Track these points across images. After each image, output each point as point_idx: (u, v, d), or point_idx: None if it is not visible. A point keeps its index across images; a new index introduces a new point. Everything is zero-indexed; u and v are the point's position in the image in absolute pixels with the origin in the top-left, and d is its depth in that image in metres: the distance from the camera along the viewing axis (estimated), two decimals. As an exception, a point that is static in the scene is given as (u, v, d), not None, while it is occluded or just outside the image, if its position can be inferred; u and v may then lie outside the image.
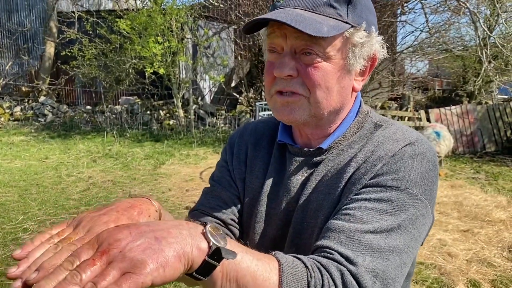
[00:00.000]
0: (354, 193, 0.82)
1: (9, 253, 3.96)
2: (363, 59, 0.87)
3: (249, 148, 1.06)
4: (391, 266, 0.73)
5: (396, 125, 0.92)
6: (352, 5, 0.83)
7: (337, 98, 0.87)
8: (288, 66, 0.83)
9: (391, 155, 0.84)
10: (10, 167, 7.15)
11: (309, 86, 0.84)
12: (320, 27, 0.78)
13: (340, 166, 0.89)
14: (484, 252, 4.16)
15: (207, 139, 9.55)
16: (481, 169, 8.00)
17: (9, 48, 14.06)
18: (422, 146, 0.86)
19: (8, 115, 11.77)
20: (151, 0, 10.76)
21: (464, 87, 12.86)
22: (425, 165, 0.84)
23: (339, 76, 0.85)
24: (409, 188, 0.80)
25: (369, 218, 0.76)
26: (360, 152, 0.88)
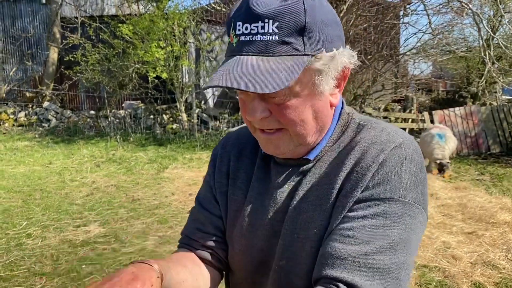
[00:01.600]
0: (348, 207, 0.82)
1: (13, 259, 3.97)
2: (332, 78, 0.84)
3: (231, 160, 1.04)
4: (401, 283, 0.76)
5: (380, 125, 0.90)
6: (307, 33, 0.77)
7: (317, 122, 0.86)
8: (259, 110, 0.82)
9: (379, 163, 0.82)
10: (14, 172, 7.18)
11: (285, 123, 0.83)
12: (278, 77, 0.74)
13: (328, 175, 0.88)
14: (488, 255, 4.13)
15: (210, 143, 9.56)
16: (485, 171, 7.96)
17: (13, 54, 14.15)
18: (408, 148, 0.85)
19: (12, 121, 11.83)
20: (154, 5, 10.81)
21: (468, 88, 12.82)
22: (414, 168, 0.84)
23: (312, 103, 0.83)
24: (402, 197, 0.81)
25: (370, 237, 0.77)
26: (347, 159, 0.86)
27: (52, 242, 4.37)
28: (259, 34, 0.77)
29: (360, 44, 10.84)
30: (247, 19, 0.77)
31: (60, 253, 4.11)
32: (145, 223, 4.92)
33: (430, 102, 13.54)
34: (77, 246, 4.28)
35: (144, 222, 4.96)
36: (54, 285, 3.54)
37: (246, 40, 0.78)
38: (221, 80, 0.75)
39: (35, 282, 3.58)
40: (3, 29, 14.05)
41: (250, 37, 0.78)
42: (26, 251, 4.15)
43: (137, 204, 5.60)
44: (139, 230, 4.72)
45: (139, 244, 4.32)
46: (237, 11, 0.80)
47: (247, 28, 0.78)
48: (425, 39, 11.67)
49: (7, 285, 3.53)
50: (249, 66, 0.76)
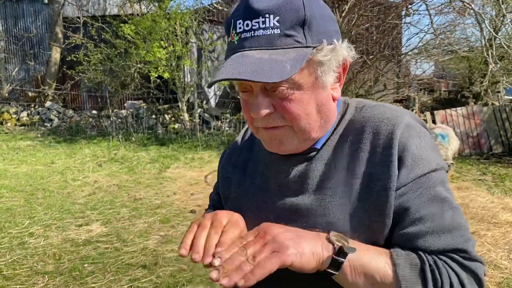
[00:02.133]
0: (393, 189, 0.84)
1: (15, 258, 3.98)
2: (333, 71, 0.86)
3: (242, 152, 1.08)
4: (466, 226, 0.86)
5: (378, 104, 0.94)
6: (307, 25, 0.79)
7: (320, 116, 0.87)
8: (263, 106, 0.82)
9: (398, 140, 0.86)
10: (17, 171, 7.20)
11: (289, 118, 0.84)
12: (283, 67, 0.76)
13: (342, 160, 0.89)
14: (490, 255, 4.13)
15: (212, 143, 9.56)
16: (487, 171, 7.94)
17: (16, 53, 14.18)
18: (415, 120, 0.91)
19: (14, 120, 11.86)
20: (156, 5, 10.83)
21: (470, 88, 12.80)
22: (428, 137, 0.90)
23: (315, 97, 0.85)
24: (437, 166, 0.87)
25: (437, 210, 0.84)
26: (361, 143, 0.88)
27: (54, 241, 4.38)
28: (261, 29, 0.78)
29: (362, 44, 10.83)
30: (247, 16, 0.79)
31: (62, 252, 4.12)
32: (147, 223, 4.92)
33: (432, 102, 13.52)
34: (79, 245, 4.29)
35: (146, 221, 4.97)
36: (57, 284, 3.55)
37: (247, 36, 0.80)
38: (228, 73, 0.77)
39: (38, 281, 3.59)
40: (5, 29, 14.08)
41: (251, 33, 0.79)
42: (28, 250, 4.16)
43: (139, 204, 5.61)
44: (141, 229, 4.73)
45: (141, 243, 4.33)
46: (236, 11, 0.82)
47: (247, 24, 0.79)
48: (427, 39, 11.69)
49: (9, 283, 3.54)
50: (253, 59, 0.77)
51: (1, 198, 5.76)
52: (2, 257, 3.99)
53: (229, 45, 0.84)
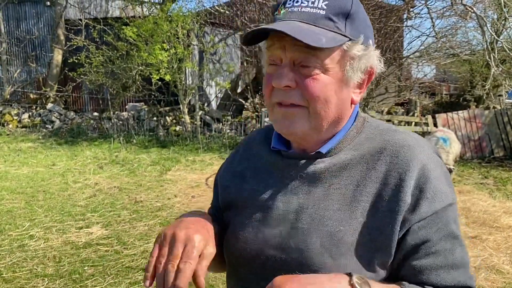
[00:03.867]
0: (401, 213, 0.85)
1: (15, 260, 3.97)
2: (361, 72, 0.88)
3: (241, 162, 1.07)
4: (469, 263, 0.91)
5: (399, 129, 0.95)
6: (350, 19, 0.84)
7: (336, 110, 0.88)
8: (286, 77, 0.84)
9: (418, 168, 0.87)
10: (18, 173, 7.20)
11: (308, 97, 0.84)
12: (319, 38, 0.79)
13: (354, 177, 0.89)
14: (492, 259, 4.11)
15: (213, 145, 9.56)
16: (489, 175, 7.92)
17: (18, 55, 14.21)
18: (433, 151, 0.92)
19: (16, 122, 11.87)
20: (157, 7, 10.85)
21: (472, 91, 12.78)
22: (443, 168, 0.91)
23: (338, 88, 0.86)
24: (452, 200, 0.89)
25: (449, 245, 0.87)
26: (377, 164, 0.89)
27: (54, 243, 4.37)
28: (308, 7, 0.84)
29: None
30: None
31: (62, 254, 4.11)
32: (148, 225, 4.91)
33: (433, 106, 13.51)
34: (79, 248, 4.28)
35: (146, 224, 4.96)
36: (56, 287, 3.54)
37: (294, 10, 0.84)
38: (265, 27, 0.82)
39: (37, 283, 3.58)
40: (7, 30, 14.11)
41: (298, 8, 0.84)
42: (28, 252, 4.16)
43: (140, 206, 5.61)
44: (142, 232, 4.72)
45: (141, 246, 4.32)
46: None
47: (297, 1, 0.85)
48: (429, 42, 11.65)
49: (9, 286, 3.54)
50: (294, 25, 0.82)
51: (1, 200, 5.76)
52: (2, 260, 3.98)
53: (273, 18, 0.88)
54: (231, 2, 11.89)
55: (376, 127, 0.96)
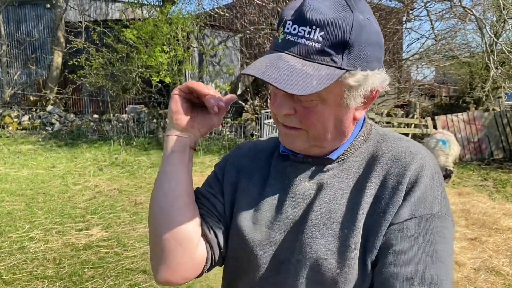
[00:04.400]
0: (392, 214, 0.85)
1: (15, 262, 3.98)
2: (360, 96, 0.87)
3: (246, 160, 1.06)
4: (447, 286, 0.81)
5: (404, 138, 0.97)
6: (348, 48, 0.81)
7: (336, 131, 0.91)
8: (285, 106, 0.87)
9: (412, 172, 0.88)
10: (18, 176, 7.20)
11: (306, 125, 0.87)
12: (309, 82, 0.78)
13: (359, 181, 0.91)
14: (492, 261, 4.12)
15: (213, 147, 9.57)
16: (488, 176, 7.93)
17: (18, 58, 14.23)
18: (434, 162, 0.92)
19: (16, 124, 11.88)
20: (157, 10, 10.86)
21: (471, 93, 12.80)
22: (441, 183, 0.90)
23: (337, 114, 0.88)
24: (439, 212, 0.86)
25: (420, 255, 0.82)
26: (378, 167, 0.91)
27: (54, 245, 4.38)
28: (304, 38, 0.81)
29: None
30: (298, 21, 0.82)
31: (62, 256, 4.12)
32: (147, 227, 4.91)
33: (433, 108, 13.52)
34: (79, 249, 4.28)
35: (146, 226, 4.96)
36: (56, 288, 3.54)
37: (291, 40, 0.83)
38: (258, 72, 0.81)
39: (37, 285, 3.59)
40: (8, 33, 14.14)
41: (295, 39, 0.82)
42: (28, 254, 4.16)
43: (140, 208, 5.61)
44: (141, 234, 4.73)
45: (141, 248, 4.32)
46: (292, 9, 0.85)
47: (295, 29, 0.83)
48: (428, 44, 11.68)
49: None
50: (286, 65, 0.81)
51: (1, 202, 5.76)
52: (2, 262, 3.98)
53: (274, 39, 0.88)
54: (230, 5, 11.91)
55: (383, 135, 0.97)
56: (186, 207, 0.96)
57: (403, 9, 10.58)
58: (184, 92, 0.95)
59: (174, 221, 0.93)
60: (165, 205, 0.95)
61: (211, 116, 0.99)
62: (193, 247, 0.95)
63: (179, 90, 0.95)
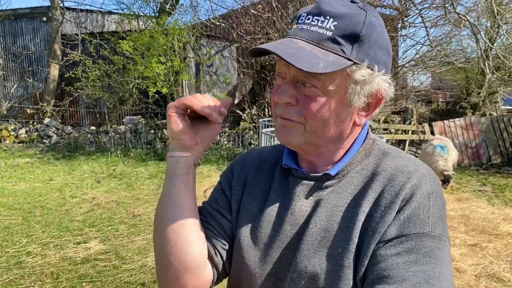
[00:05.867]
0: (381, 233, 0.83)
1: (12, 277, 3.94)
2: (365, 96, 0.87)
3: (250, 171, 1.06)
4: None
5: (405, 155, 0.94)
6: (359, 41, 0.83)
7: (334, 130, 0.89)
8: (287, 94, 0.86)
9: (406, 191, 0.85)
10: (15, 189, 7.16)
11: (306, 116, 0.86)
12: (317, 62, 0.79)
13: (355, 198, 0.89)
14: (493, 267, 4.09)
15: (211, 157, 9.55)
16: (487, 181, 7.92)
17: (14, 71, 14.24)
18: (433, 182, 0.88)
19: (13, 137, 11.85)
20: (153, 21, 10.90)
21: (468, 99, 12.84)
22: (439, 203, 0.86)
23: (337, 110, 0.86)
24: (431, 231, 0.82)
25: (406, 274, 0.77)
26: (374, 184, 0.88)
27: (52, 259, 4.33)
28: (317, 26, 0.84)
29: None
30: (312, 12, 0.85)
31: (60, 271, 4.08)
32: (146, 239, 4.88)
33: (430, 114, 13.55)
34: (77, 263, 4.25)
35: (144, 238, 4.93)
36: (54, 303, 3.50)
37: (303, 28, 0.85)
38: (267, 46, 0.82)
39: (35, 301, 3.54)
40: (4, 46, 14.16)
41: (308, 27, 0.84)
42: (26, 269, 4.12)
43: (138, 220, 5.58)
44: (140, 246, 4.69)
45: (139, 261, 4.29)
46: (307, 8, 0.88)
47: (309, 18, 0.85)
48: (424, 51, 11.72)
49: (6, 304, 3.50)
50: (296, 46, 0.82)
51: (-2, 217, 5.72)
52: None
53: (287, 31, 0.90)
54: (226, 15, 11.96)
55: (384, 151, 0.95)
56: (192, 233, 0.94)
57: (397, 16, 10.64)
58: (180, 109, 0.94)
59: (182, 251, 0.92)
60: (172, 235, 0.93)
61: (212, 125, 0.98)
62: (200, 272, 0.95)
63: (175, 108, 0.94)
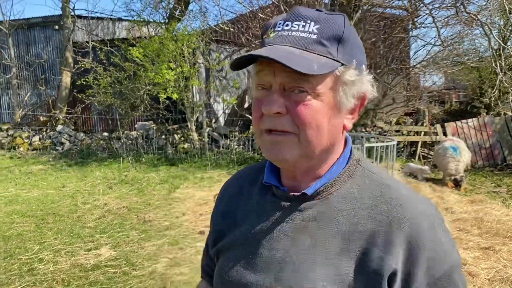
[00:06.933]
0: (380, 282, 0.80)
1: (24, 284, 3.98)
2: (353, 97, 0.85)
3: (231, 199, 1.03)
4: None
5: (392, 183, 0.89)
6: (342, 43, 0.81)
7: (328, 137, 0.84)
8: (277, 104, 0.80)
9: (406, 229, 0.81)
10: (28, 196, 7.25)
11: (299, 124, 0.81)
12: (311, 64, 0.77)
13: (340, 229, 0.84)
14: (507, 271, 4.01)
15: (221, 161, 9.56)
16: (502, 183, 7.80)
17: (28, 79, 14.46)
18: (427, 207, 0.86)
19: (27, 145, 12.02)
20: (163, 27, 10.98)
21: (481, 99, 12.67)
22: (445, 229, 0.85)
23: (330, 114, 0.82)
24: (454, 263, 0.83)
25: None
26: (366, 219, 0.84)
27: (63, 266, 4.37)
28: (299, 31, 0.81)
29: (369, 58, 10.82)
30: (289, 18, 0.82)
31: (71, 277, 4.11)
32: (156, 245, 4.90)
33: (443, 114, 13.39)
34: (88, 270, 4.27)
35: (154, 244, 4.95)
36: (65, 310, 3.53)
37: (284, 35, 0.82)
38: (257, 52, 0.78)
39: (46, 308, 3.57)
40: (18, 55, 14.39)
41: (289, 32, 0.81)
42: (37, 276, 4.16)
43: (148, 226, 5.60)
44: (150, 252, 4.71)
45: (149, 267, 4.30)
46: (282, 15, 0.85)
47: (287, 25, 0.82)
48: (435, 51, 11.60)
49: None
50: (285, 50, 0.79)
51: (12, 224, 5.79)
52: (11, 284, 3.99)
53: (262, 41, 0.85)
54: (235, 19, 12.00)
55: (369, 175, 0.90)
56: None
57: (407, 16, 10.55)
58: None
59: None
60: None
61: None
62: None
63: None
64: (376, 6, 10.10)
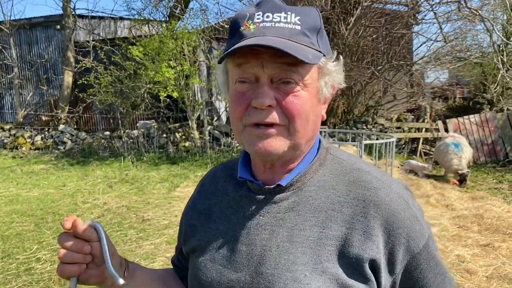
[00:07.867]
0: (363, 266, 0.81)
1: (21, 284, 3.99)
2: (330, 87, 0.87)
3: (207, 197, 1.01)
4: None
5: (363, 167, 0.90)
6: (319, 34, 0.83)
7: (312, 127, 0.84)
8: (268, 96, 0.78)
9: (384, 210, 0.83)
10: (29, 196, 7.28)
11: (289, 115, 0.80)
12: (306, 54, 0.76)
13: (318, 217, 0.84)
14: (505, 268, 3.98)
15: (223, 159, 9.55)
16: (504, 179, 7.74)
17: (30, 79, 14.50)
18: (400, 187, 0.88)
19: (29, 144, 12.06)
20: (163, 26, 10.97)
21: (484, 94, 12.59)
22: (415, 202, 0.89)
23: (314, 104, 0.83)
24: (428, 233, 0.88)
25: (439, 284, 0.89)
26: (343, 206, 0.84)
27: (60, 266, 4.37)
28: (282, 22, 0.79)
29: (369, 55, 10.77)
30: (268, 9, 0.80)
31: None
32: (154, 244, 4.90)
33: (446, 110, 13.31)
34: (85, 269, 4.27)
35: (152, 243, 4.95)
36: (60, 310, 3.53)
37: (267, 26, 0.80)
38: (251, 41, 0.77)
39: (41, 307, 3.58)
40: (20, 55, 14.43)
41: (272, 24, 0.79)
42: (34, 276, 4.17)
43: (147, 225, 5.60)
44: (147, 251, 4.71)
45: (146, 266, 4.29)
46: (249, 9, 0.82)
47: (268, 16, 0.80)
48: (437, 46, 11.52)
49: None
50: (276, 39, 0.77)
51: (11, 224, 5.81)
52: (8, 284, 4.00)
53: (238, 34, 0.81)
54: (235, 17, 11.96)
55: (340, 162, 0.91)
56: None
57: (408, 12, 10.49)
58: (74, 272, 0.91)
59: None
60: None
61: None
62: None
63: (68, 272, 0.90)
64: (377, 2, 10.04)
